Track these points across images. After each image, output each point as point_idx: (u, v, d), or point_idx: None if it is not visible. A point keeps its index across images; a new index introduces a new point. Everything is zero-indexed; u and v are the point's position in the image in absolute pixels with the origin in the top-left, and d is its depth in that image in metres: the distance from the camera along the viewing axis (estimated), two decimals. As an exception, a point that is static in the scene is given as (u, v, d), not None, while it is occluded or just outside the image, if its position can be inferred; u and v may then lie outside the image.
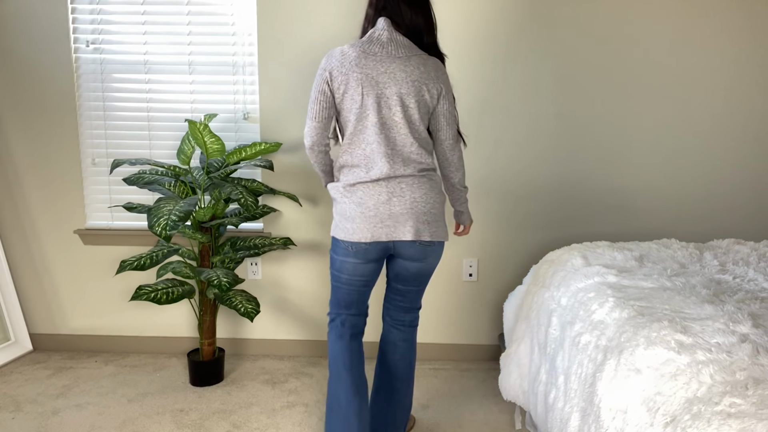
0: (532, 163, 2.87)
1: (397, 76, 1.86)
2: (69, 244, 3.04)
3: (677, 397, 1.27)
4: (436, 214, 1.95)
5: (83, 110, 2.94)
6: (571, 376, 1.71)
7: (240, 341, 3.07)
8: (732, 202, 2.88)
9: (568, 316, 1.88)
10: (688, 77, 2.79)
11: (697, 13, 2.75)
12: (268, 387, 2.72)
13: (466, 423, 2.42)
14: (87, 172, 2.99)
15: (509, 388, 2.22)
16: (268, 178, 2.94)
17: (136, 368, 2.91)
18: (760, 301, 1.68)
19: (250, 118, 2.93)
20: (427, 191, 1.93)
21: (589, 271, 2.02)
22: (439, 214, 1.97)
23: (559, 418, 1.74)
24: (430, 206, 1.93)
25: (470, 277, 2.97)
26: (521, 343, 2.22)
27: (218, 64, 2.89)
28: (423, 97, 1.89)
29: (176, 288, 2.62)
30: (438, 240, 1.98)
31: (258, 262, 3.01)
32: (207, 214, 2.63)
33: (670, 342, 1.42)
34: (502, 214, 2.91)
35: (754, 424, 1.10)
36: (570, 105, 2.82)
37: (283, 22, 2.82)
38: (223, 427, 2.38)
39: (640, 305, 1.67)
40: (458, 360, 3.01)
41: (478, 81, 2.82)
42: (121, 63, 2.90)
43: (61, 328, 3.11)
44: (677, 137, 2.83)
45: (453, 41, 2.78)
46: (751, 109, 2.81)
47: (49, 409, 2.51)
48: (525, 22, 2.77)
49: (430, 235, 1.94)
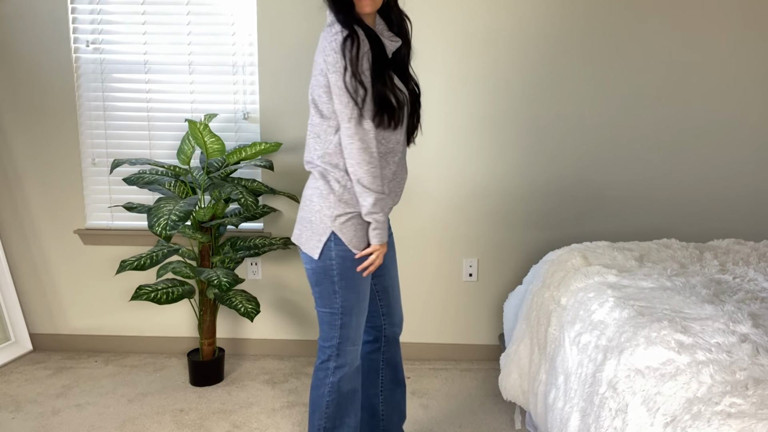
0: (532, 163, 2.87)
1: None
2: (69, 244, 3.04)
3: (677, 397, 1.27)
4: (302, 217, 1.77)
5: (83, 110, 2.94)
6: (571, 376, 1.71)
7: (240, 341, 3.07)
8: (732, 202, 2.88)
9: (568, 316, 1.88)
10: (688, 77, 2.79)
11: (697, 13, 2.75)
12: (268, 387, 2.72)
13: (466, 423, 2.42)
14: (87, 172, 2.99)
15: (509, 388, 2.22)
16: (268, 178, 2.94)
17: (136, 368, 2.91)
18: (760, 301, 1.68)
19: (250, 118, 2.93)
20: (307, 188, 1.78)
21: (589, 270, 2.02)
22: (305, 219, 1.75)
23: (559, 418, 1.74)
24: (302, 205, 1.79)
25: (470, 277, 2.97)
26: (521, 343, 2.22)
27: (218, 64, 2.88)
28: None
29: (176, 288, 2.62)
30: (298, 244, 1.79)
31: (258, 262, 3.01)
32: (207, 214, 2.63)
33: (670, 342, 1.42)
34: (502, 214, 2.91)
35: (754, 424, 1.10)
36: (570, 105, 2.82)
37: (283, 22, 2.81)
38: (223, 427, 2.38)
39: (640, 305, 1.67)
40: (458, 360, 3.01)
41: (477, 81, 2.82)
42: (121, 63, 2.90)
43: (61, 328, 3.11)
44: (677, 137, 2.83)
45: (453, 42, 2.78)
46: (751, 109, 2.81)
47: (49, 409, 2.51)
48: (525, 22, 2.77)
49: (294, 235, 1.81)
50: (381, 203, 1.68)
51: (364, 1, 1.65)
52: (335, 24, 1.65)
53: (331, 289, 1.76)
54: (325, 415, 1.83)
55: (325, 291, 1.77)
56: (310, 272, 1.79)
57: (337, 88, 1.61)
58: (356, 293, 1.78)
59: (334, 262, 1.73)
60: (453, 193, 2.89)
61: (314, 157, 1.73)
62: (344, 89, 1.60)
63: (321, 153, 1.70)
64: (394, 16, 1.77)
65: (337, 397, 1.82)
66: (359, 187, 1.66)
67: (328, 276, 1.75)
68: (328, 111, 1.67)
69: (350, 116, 1.61)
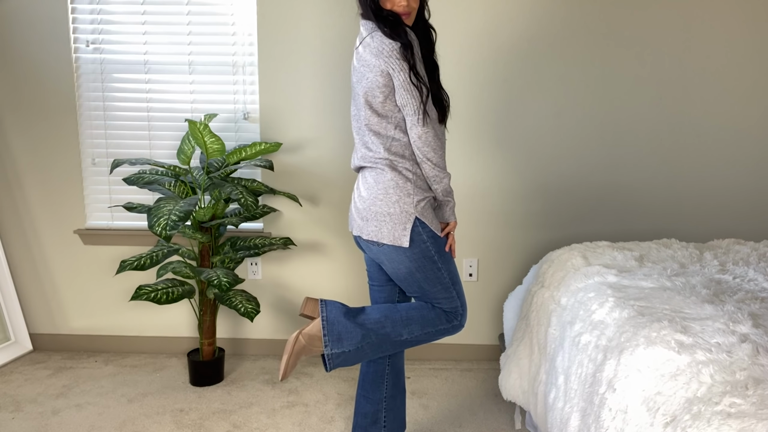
0: (532, 162, 2.87)
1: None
2: (69, 244, 3.04)
3: (677, 397, 1.27)
4: (377, 212, 1.82)
5: (83, 110, 2.94)
6: (571, 376, 1.71)
7: (240, 341, 3.07)
8: (732, 202, 2.88)
9: (568, 315, 1.88)
10: (688, 77, 2.79)
11: (697, 14, 2.75)
12: (268, 387, 2.72)
13: (466, 423, 2.42)
14: (87, 172, 2.99)
15: (509, 388, 2.22)
16: (268, 178, 2.94)
17: (136, 368, 2.91)
18: (760, 301, 1.68)
19: (250, 118, 2.93)
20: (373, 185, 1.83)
21: (589, 270, 2.02)
22: (382, 213, 1.81)
23: (559, 418, 1.73)
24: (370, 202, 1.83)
25: (470, 277, 2.97)
26: (521, 343, 2.22)
27: (218, 64, 2.88)
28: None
29: (176, 288, 2.62)
30: (370, 239, 1.84)
31: (258, 262, 3.01)
32: (207, 214, 2.63)
33: (670, 342, 1.42)
34: (502, 214, 2.91)
35: (754, 424, 1.10)
36: (570, 105, 2.82)
37: (283, 22, 2.82)
38: (223, 427, 2.38)
39: (640, 305, 1.67)
40: (458, 360, 3.01)
41: (478, 82, 2.82)
42: (121, 63, 2.90)
43: (61, 328, 3.11)
44: (677, 137, 2.83)
45: (453, 42, 2.78)
46: (751, 109, 2.81)
47: (49, 409, 2.51)
48: (524, 22, 2.77)
49: (358, 229, 1.86)
50: (450, 184, 1.88)
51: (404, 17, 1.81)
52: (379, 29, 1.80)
53: (435, 267, 1.86)
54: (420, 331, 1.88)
55: (431, 272, 1.86)
56: (405, 262, 1.83)
57: (405, 84, 1.76)
58: (453, 264, 1.93)
59: (428, 243, 1.83)
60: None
61: (378, 153, 1.82)
62: (411, 85, 1.75)
63: (386, 147, 1.82)
64: (419, 28, 1.91)
65: (431, 336, 1.92)
66: (437, 170, 1.82)
67: (428, 258, 1.84)
68: (384, 110, 1.81)
69: (418, 109, 1.77)
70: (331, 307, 1.86)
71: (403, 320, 1.87)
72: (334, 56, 2.82)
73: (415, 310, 1.90)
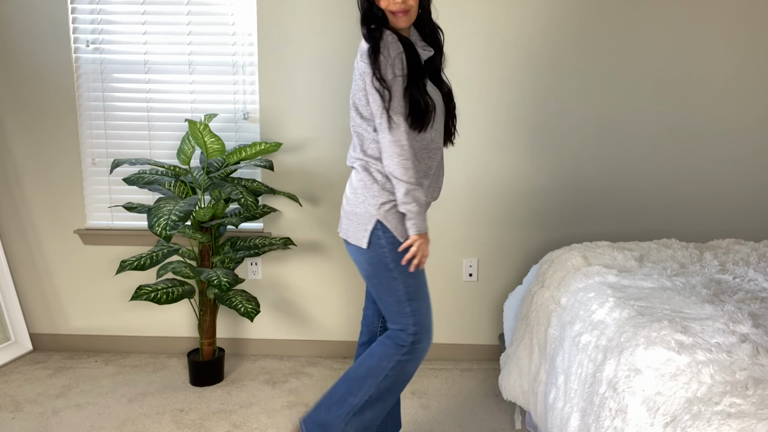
0: (532, 162, 2.87)
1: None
2: (69, 244, 3.04)
3: (677, 397, 1.27)
4: (348, 211, 1.85)
5: (83, 110, 2.94)
6: (571, 376, 1.71)
7: (240, 341, 3.07)
8: (732, 202, 2.88)
9: (568, 315, 1.88)
10: (687, 77, 2.79)
11: (698, 14, 2.75)
12: (268, 387, 2.72)
13: (466, 423, 2.42)
14: (87, 172, 2.99)
15: (509, 388, 2.22)
16: (268, 178, 2.94)
17: (136, 368, 2.91)
18: (760, 301, 1.68)
19: (250, 118, 2.93)
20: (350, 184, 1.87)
21: (589, 270, 2.02)
22: (351, 212, 1.83)
23: (559, 418, 1.74)
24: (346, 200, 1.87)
25: (470, 277, 2.97)
26: (521, 343, 2.22)
27: (218, 64, 2.88)
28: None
29: (176, 288, 2.62)
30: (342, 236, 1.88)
31: (258, 262, 3.01)
32: (207, 214, 2.63)
33: (670, 342, 1.42)
34: (502, 214, 2.91)
35: (754, 424, 1.10)
36: (570, 105, 2.82)
37: (283, 22, 2.82)
38: (223, 427, 2.38)
39: (640, 305, 1.67)
40: (458, 360, 3.01)
41: (478, 82, 2.82)
42: (121, 63, 2.90)
43: (61, 328, 3.11)
44: (677, 137, 2.83)
45: (453, 43, 2.78)
46: (751, 109, 2.81)
47: (49, 409, 2.51)
48: (525, 23, 2.77)
49: (341, 230, 1.89)
50: (413, 194, 1.74)
51: (399, 19, 1.77)
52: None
53: (389, 276, 1.81)
54: (376, 386, 1.83)
55: (384, 279, 1.82)
56: (364, 264, 1.84)
57: (369, 87, 1.75)
58: (416, 278, 1.82)
59: (385, 249, 1.79)
60: (453, 194, 2.89)
61: (357, 153, 1.84)
62: (374, 89, 1.73)
63: (363, 149, 1.82)
64: (427, 29, 1.90)
65: (398, 375, 1.84)
66: (392, 177, 1.76)
67: (383, 264, 1.80)
68: (367, 112, 1.80)
69: (381, 113, 1.73)
70: (309, 422, 1.88)
71: (359, 378, 1.84)
72: (334, 56, 2.82)
73: (362, 365, 1.85)
